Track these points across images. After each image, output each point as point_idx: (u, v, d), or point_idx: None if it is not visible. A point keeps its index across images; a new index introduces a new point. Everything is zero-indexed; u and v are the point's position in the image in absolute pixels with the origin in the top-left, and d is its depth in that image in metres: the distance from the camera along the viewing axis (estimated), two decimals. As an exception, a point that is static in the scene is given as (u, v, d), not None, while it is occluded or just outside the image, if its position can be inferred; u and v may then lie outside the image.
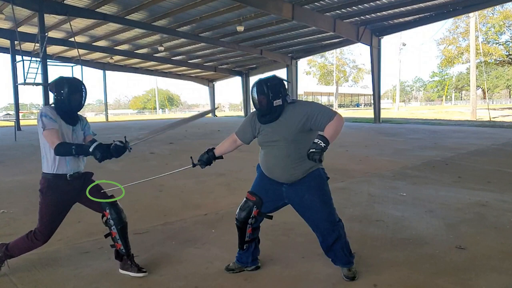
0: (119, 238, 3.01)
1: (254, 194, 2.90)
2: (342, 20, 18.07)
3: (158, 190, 5.96)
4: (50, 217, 2.91)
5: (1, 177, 7.20)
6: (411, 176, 6.61)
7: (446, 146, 10.67)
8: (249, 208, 2.88)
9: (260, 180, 2.96)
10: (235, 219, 2.96)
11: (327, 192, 2.84)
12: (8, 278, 2.95)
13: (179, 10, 16.70)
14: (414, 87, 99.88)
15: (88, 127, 3.09)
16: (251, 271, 3.02)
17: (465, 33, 34.19)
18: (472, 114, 25.63)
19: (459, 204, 4.84)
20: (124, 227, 3.04)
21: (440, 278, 2.84)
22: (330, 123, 2.64)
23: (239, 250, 3.02)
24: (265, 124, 2.80)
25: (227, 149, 3.11)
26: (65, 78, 2.94)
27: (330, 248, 2.85)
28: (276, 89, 2.71)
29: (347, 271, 2.87)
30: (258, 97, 2.71)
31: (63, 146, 2.72)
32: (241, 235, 2.96)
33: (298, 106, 2.76)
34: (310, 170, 2.79)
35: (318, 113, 2.68)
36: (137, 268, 3.01)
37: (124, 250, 3.03)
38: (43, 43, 15.42)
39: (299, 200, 2.82)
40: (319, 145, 2.53)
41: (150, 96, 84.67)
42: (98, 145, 2.72)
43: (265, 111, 2.74)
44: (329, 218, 2.81)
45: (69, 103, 2.84)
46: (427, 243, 3.55)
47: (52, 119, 2.77)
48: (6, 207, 4.98)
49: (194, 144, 12.77)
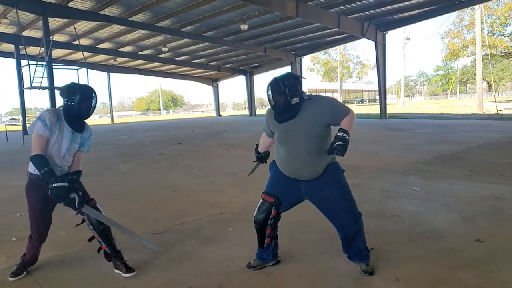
0: (102, 240, 3.05)
1: (271, 195, 2.89)
2: (347, 16, 18.02)
3: (171, 191, 5.99)
4: (35, 216, 3.00)
5: (14, 181, 7.24)
6: (422, 171, 6.60)
7: (455, 140, 10.64)
8: (268, 210, 2.88)
9: (275, 179, 2.94)
10: (254, 222, 2.96)
11: (345, 184, 2.85)
12: (34, 279, 3.00)
13: (182, 10, 16.72)
14: (418, 81, 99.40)
15: (87, 144, 3.11)
16: (272, 266, 3.04)
17: (469, 26, 34.04)
18: (479, 107, 25.49)
19: (474, 197, 4.83)
20: (105, 230, 3.05)
21: (461, 271, 2.85)
22: (345, 118, 2.67)
23: (259, 248, 3.03)
24: (283, 122, 2.77)
25: (267, 146, 3.22)
26: (77, 85, 2.98)
27: (350, 242, 2.86)
28: (293, 87, 2.67)
29: (365, 266, 2.87)
30: (275, 97, 2.68)
31: (38, 160, 2.76)
32: (260, 236, 2.98)
33: (315, 102, 2.74)
34: (327, 164, 2.80)
35: (336, 109, 2.72)
36: (125, 268, 3.05)
37: (110, 251, 3.07)
38: (48, 47, 15.48)
39: (318, 195, 2.82)
40: (343, 137, 2.55)
41: (154, 97, 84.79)
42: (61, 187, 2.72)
43: (282, 110, 2.71)
44: (350, 210, 2.82)
45: (79, 110, 2.87)
46: (445, 237, 3.55)
47: (47, 126, 2.81)
48: (22, 210, 5.00)
49: (201, 144, 12.81)
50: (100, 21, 17.36)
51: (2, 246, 3.75)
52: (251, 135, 15.20)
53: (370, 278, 2.79)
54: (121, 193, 5.98)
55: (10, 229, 4.29)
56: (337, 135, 2.60)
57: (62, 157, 2.95)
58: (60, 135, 2.91)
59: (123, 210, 4.82)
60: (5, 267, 3.22)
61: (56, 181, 2.72)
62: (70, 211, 3.04)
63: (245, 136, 14.80)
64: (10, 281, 2.95)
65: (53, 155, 2.91)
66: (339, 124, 2.70)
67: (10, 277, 2.97)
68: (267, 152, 3.25)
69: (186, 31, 20.01)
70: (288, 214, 3.05)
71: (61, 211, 3.19)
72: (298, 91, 2.70)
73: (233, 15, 17.76)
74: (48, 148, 2.88)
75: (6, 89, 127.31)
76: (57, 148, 2.91)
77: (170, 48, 24.48)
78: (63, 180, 2.76)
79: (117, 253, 3.11)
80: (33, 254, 3.10)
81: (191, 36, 20.66)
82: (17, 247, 3.62)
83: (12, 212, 4.97)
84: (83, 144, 3.08)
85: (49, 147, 2.89)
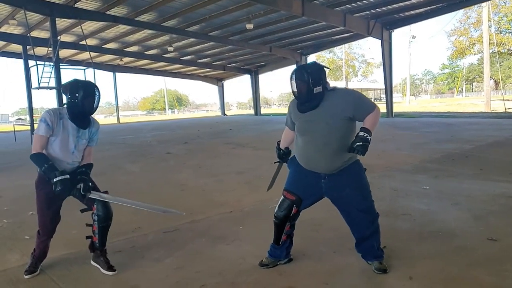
0: (98, 234, 3.08)
1: (292, 193, 2.88)
2: (353, 14, 17.96)
3: (180, 189, 6.02)
4: (43, 211, 3.05)
5: (24, 180, 7.29)
6: (431, 170, 6.58)
7: (463, 138, 10.58)
8: (289, 208, 2.88)
9: (296, 176, 2.93)
10: (274, 217, 2.96)
11: (366, 185, 2.84)
12: (49, 276, 3.03)
13: (188, 10, 16.74)
14: (424, 80, 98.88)
15: (96, 138, 3.14)
16: (285, 264, 3.04)
17: (476, 24, 33.81)
18: (486, 106, 25.32)
19: (484, 196, 4.80)
20: (106, 227, 3.09)
21: (475, 270, 2.84)
22: (370, 115, 2.64)
23: (273, 245, 3.03)
24: (304, 112, 2.76)
25: (289, 141, 3.17)
26: (80, 81, 3.00)
27: (365, 242, 2.86)
28: (316, 75, 2.66)
29: (379, 264, 2.86)
30: (298, 84, 2.67)
31: (37, 157, 2.82)
32: (278, 232, 2.98)
33: (339, 94, 2.73)
34: (349, 162, 2.76)
35: (360, 103, 2.68)
36: (107, 266, 3.07)
37: (98, 245, 3.11)
38: (55, 47, 15.57)
39: (339, 194, 2.81)
40: (364, 137, 2.54)
41: (159, 97, 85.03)
42: (64, 179, 2.77)
43: (304, 98, 2.71)
44: (369, 212, 2.82)
45: (82, 106, 2.90)
46: (457, 236, 3.54)
47: (48, 126, 2.86)
48: (34, 209, 4.97)
49: (208, 144, 12.84)
50: (107, 21, 17.43)
51: (15, 244, 3.78)
52: (257, 134, 15.23)
53: (384, 277, 2.79)
54: (130, 192, 5.99)
55: (23, 228, 4.33)
56: (358, 135, 2.59)
57: (71, 153, 2.99)
58: (65, 133, 2.94)
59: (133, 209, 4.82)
60: (19, 264, 3.25)
61: (57, 175, 2.76)
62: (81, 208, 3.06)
63: (251, 135, 14.81)
64: (25, 278, 2.98)
65: (63, 153, 2.96)
66: (363, 120, 2.67)
67: (25, 275, 3.00)
68: (288, 149, 3.19)
69: (191, 31, 20.03)
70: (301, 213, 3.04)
71: (71, 209, 3.22)
72: (322, 81, 2.68)
73: (238, 15, 17.76)
74: (56, 147, 2.92)
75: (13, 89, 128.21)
76: (65, 146, 2.95)
77: (176, 48, 24.52)
78: (64, 173, 2.81)
79: (104, 250, 3.15)
80: (42, 249, 3.13)
81: (196, 35, 20.68)
82: (30, 245, 3.62)
83: (24, 211, 5.00)
84: (91, 139, 3.11)
85: (57, 146, 2.93)
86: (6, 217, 4.79)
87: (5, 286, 2.89)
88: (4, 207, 5.35)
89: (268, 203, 4.89)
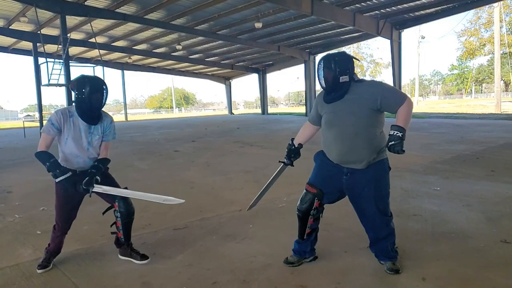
0: (122, 229, 3.13)
1: (314, 186, 2.87)
2: (362, 14, 17.87)
3: (189, 187, 6.02)
4: (60, 207, 3.09)
5: (34, 176, 7.36)
6: (442, 170, 6.52)
7: (473, 139, 10.49)
8: (310, 200, 2.87)
9: (319, 170, 2.92)
10: (297, 210, 2.95)
11: (387, 186, 2.80)
12: (61, 271, 3.04)
13: (197, 8, 16.75)
14: (432, 80, 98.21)
15: (109, 132, 3.14)
16: (310, 262, 3.02)
17: (487, 24, 33.50)
18: (497, 107, 25.03)
19: (497, 198, 4.75)
20: (129, 223, 3.15)
21: (489, 272, 2.81)
22: (401, 108, 2.59)
23: (297, 240, 3.02)
24: (330, 103, 2.73)
25: (306, 137, 3.11)
26: (86, 77, 3.01)
27: (379, 242, 2.85)
28: (343, 64, 2.64)
29: (392, 265, 2.84)
30: (325, 73, 2.65)
31: (42, 155, 2.86)
32: (302, 226, 2.96)
33: (366, 85, 2.69)
34: (377, 159, 2.71)
35: (388, 94, 2.63)
36: (139, 256, 3.15)
37: (123, 240, 3.17)
38: (65, 44, 15.69)
39: (357, 192, 2.79)
40: (396, 136, 2.51)
41: (166, 95, 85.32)
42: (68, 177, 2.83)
43: (330, 88, 2.68)
44: (384, 213, 2.80)
45: (90, 102, 2.91)
46: (470, 237, 3.50)
47: (54, 126, 2.90)
48: (45, 204, 5.10)
49: (216, 142, 12.83)
50: (116, 19, 17.51)
51: (28, 239, 3.81)
52: (264, 134, 15.20)
53: (397, 277, 2.76)
54: (140, 189, 5.92)
55: (35, 223, 4.36)
56: (389, 134, 2.55)
57: (86, 150, 3.02)
58: (77, 131, 2.97)
59: (143, 206, 4.83)
60: (32, 259, 3.28)
61: (57, 175, 2.81)
62: (92, 206, 3.09)
63: (258, 134, 14.79)
64: (38, 273, 3.00)
65: (78, 150, 2.99)
66: (393, 112, 2.63)
67: (38, 269, 3.02)
68: (300, 146, 3.11)
69: (200, 29, 20.05)
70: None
71: (82, 205, 3.23)
72: (349, 70, 2.66)
73: (247, 13, 17.74)
74: (70, 145, 2.96)
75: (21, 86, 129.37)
76: (79, 143, 2.98)
77: (184, 46, 24.57)
78: (66, 172, 2.85)
79: (129, 243, 3.21)
80: (57, 244, 3.16)
81: (205, 34, 20.70)
82: (42, 240, 3.67)
83: (35, 206, 5.05)
84: (106, 134, 3.12)
85: (71, 143, 2.96)
86: (17, 212, 4.83)
87: (18, 280, 2.91)
88: (15, 202, 5.40)
89: (277, 202, 4.91)
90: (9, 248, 3.62)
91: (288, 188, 5.49)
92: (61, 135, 2.96)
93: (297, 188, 5.60)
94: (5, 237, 3.95)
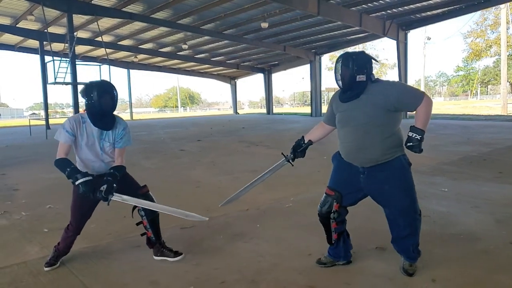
0: (150, 228, 3.14)
1: (332, 189, 2.83)
2: (369, 14, 17.81)
3: (196, 186, 6.02)
4: (75, 208, 3.08)
5: (41, 174, 7.40)
6: (449, 172, 6.48)
7: (480, 141, 10.41)
8: (329, 203, 2.83)
9: (337, 172, 2.89)
10: (318, 215, 2.93)
11: (409, 181, 2.72)
12: (68, 269, 3.04)
13: (203, 8, 16.78)
14: (438, 82, 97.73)
15: (121, 139, 3.09)
16: (343, 265, 2.98)
17: (493, 26, 33.30)
18: (503, 109, 24.88)
19: (506, 200, 4.71)
20: (155, 219, 3.16)
21: (499, 274, 2.78)
22: (420, 108, 2.55)
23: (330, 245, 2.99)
24: (346, 102, 2.71)
25: (317, 135, 3.06)
26: (93, 82, 3.02)
27: (401, 241, 2.79)
28: (361, 63, 2.62)
29: (408, 266, 2.78)
30: (342, 71, 2.63)
31: (60, 162, 2.87)
32: (326, 230, 2.93)
33: (382, 86, 2.65)
34: (391, 157, 2.66)
35: (405, 95, 2.60)
36: (173, 253, 3.15)
37: (154, 238, 3.16)
38: (72, 43, 15.77)
39: (378, 191, 2.74)
40: (414, 138, 2.50)
41: (171, 95, 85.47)
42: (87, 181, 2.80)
43: (346, 86, 2.66)
44: (408, 211, 2.71)
45: (100, 106, 2.90)
46: (479, 239, 3.47)
47: (69, 133, 2.91)
48: (51, 202, 5.12)
49: (221, 141, 12.84)
50: (123, 18, 17.57)
51: (35, 237, 3.82)
52: (270, 133, 15.19)
53: (407, 278, 2.74)
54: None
55: (41, 221, 4.37)
56: (408, 135, 2.53)
57: (100, 155, 3.02)
58: (91, 136, 2.98)
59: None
60: (39, 257, 3.28)
61: (78, 178, 2.79)
62: (99, 204, 3.08)
63: (264, 134, 14.77)
64: (45, 271, 3.00)
65: (94, 156, 3.01)
66: (411, 111, 2.60)
67: (45, 267, 3.02)
68: (309, 143, 3.03)
69: (206, 29, 20.08)
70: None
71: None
72: (366, 69, 2.63)
73: (254, 13, 17.74)
74: (86, 150, 2.98)
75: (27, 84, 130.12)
76: (94, 149, 3.00)
77: (190, 46, 24.60)
78: (87, 175, 2.84)
79: (161, 241, 3.20)
80: (68, 244, 3.16)
81: (211, 33, 20.73)
82: (49, 238, 3.69)
83: (41, 204, 5.06)
84: (117, 141, 3.09)
85: (86, 149, 2.98)
86: (24, 210, 4.85)
87: (26, 278, 2.92)
88: (22, 200, 5.41)
89: (284, 202, 4.90)
90: (16, 245, 3.63)
91: (295, 189, 5.49)
92: (75, 141, 2.97)
93: (303, 188, 5.60)
94: (12, 234, 3.96)
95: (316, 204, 2.96)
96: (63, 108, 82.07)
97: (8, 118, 58.94)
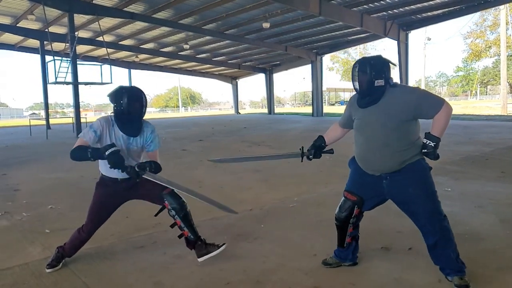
0: (185, 226, 3.03)
1: (354, 194, 2.78)
2: (370, 15, 17.79)
3: (198, 186, 5.98)
4: (92, 210, 3.04)
5: (42, 174, 7.38)
6: (452, 171, 6.46)
7: (481, 141, 10.39)
8: (350, 208, 2.79)
9: (357, 176, 2.81)
10: (335, 219, 2.88)
11: (431, 185, 2.64)
12: (71, 270, 3.02)
13: (205, 8, 16.74)
14: (438, 82, 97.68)
15: (152, 142, 3.06)
16: (349, 266, 2.95)
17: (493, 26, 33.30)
18: (503, 109, 24.89)
19: (509, 199, 4.70)
20: (187, 214, 3.05)
21: (507, 274, 2.76)
22: (438, 115, 2.47)
23: (339, 248, 2.94)
24: (364, 108, 2.64)
25: (331, 138, 3.02)
26: (124, 88, 2.98)
27: (437, 249, 2.63)
28: (379, 68, 2.55)
29: (459, 280, 2.55)
30: (360, 76, 2.57)
31: (78, 149, 2.78)
32: (341, 234, 2.88)
33: (401, 92, 2.58)
34: (409, 161, 2.58)
35: (424, 102, 2.51)
36: (216, 246, 3.04)
37: (192, 236, 3.05)
38: (73, 42, 15.74)
39: (401, 195, 2.65)
40: (429, 145, 2.45)
41: (172, 94, 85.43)
42: (115, 151, 2.70)
43: (365, 91, 2.60)
44: (432, 214, 2.60)
45: (128, 112, 2.87)
46: (484, 239, 3.45)
47: (93, 131, 2.85)
48: (52, 203, 5.10)
49: (223, 141, 12.82)
50: (124, 17, 17.53)
51: (37, 238, 3.79)
52: (272, 133, 15.17)
53: (412, 279, 2.72)
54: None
55: (43, 221, 4.35)
56: (423, 142, 2.48)
57: (126, 160, 2.88)
58: (117, 141, 2.91)
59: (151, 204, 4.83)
60: (41, 258, 3.25)
61: (107, 148, 2.69)
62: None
63: (265, 134, 14.76)
64: (47, 272, 2.97)
65: None
66: (430, 118, 2.52)
67: (47, 269, 2.99)
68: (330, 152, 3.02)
69: (208, 29, 20.04)
70: (322, 211, 2.98)
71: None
72: (384, 74, 2.57)
73: (255, 13, 17.71)
74: None
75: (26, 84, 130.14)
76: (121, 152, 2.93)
77: (191, 46, 24.56)
78: (114, 146, 2.74)
79: (201, 237, 3.09)
80: (75, 246, 3.10)
81: (212, 33, 20.69)
82: (51, 238, 3.67)
83: (43, 204, 5.04)
84: (147, 145, 3.06)
85: None
86: (25, 210, 4.82)
87: (28, 280, 2.89)
88: (23, 200, 5.38)
89: (287, 202, 4.87)
90: (18, 246, 3.60)
91: (298, 188, 5.48)
92: (99, 142, 2.89)
93: (306, 188, 5.59)
94: (14, 235, 3.93)
95: (320, 204, 2.95)
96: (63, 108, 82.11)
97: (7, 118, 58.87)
